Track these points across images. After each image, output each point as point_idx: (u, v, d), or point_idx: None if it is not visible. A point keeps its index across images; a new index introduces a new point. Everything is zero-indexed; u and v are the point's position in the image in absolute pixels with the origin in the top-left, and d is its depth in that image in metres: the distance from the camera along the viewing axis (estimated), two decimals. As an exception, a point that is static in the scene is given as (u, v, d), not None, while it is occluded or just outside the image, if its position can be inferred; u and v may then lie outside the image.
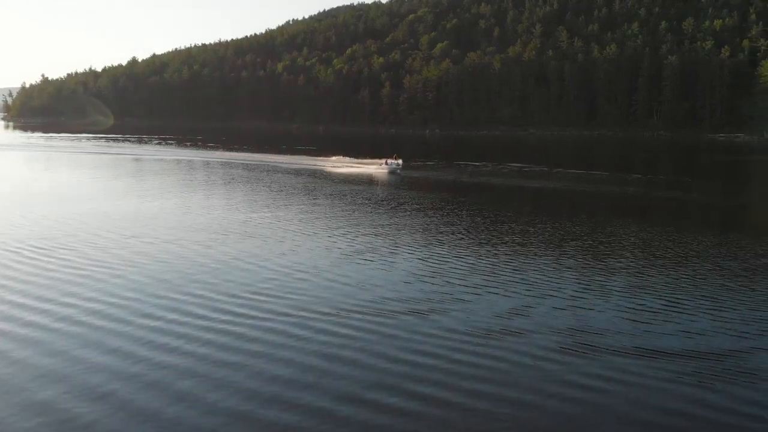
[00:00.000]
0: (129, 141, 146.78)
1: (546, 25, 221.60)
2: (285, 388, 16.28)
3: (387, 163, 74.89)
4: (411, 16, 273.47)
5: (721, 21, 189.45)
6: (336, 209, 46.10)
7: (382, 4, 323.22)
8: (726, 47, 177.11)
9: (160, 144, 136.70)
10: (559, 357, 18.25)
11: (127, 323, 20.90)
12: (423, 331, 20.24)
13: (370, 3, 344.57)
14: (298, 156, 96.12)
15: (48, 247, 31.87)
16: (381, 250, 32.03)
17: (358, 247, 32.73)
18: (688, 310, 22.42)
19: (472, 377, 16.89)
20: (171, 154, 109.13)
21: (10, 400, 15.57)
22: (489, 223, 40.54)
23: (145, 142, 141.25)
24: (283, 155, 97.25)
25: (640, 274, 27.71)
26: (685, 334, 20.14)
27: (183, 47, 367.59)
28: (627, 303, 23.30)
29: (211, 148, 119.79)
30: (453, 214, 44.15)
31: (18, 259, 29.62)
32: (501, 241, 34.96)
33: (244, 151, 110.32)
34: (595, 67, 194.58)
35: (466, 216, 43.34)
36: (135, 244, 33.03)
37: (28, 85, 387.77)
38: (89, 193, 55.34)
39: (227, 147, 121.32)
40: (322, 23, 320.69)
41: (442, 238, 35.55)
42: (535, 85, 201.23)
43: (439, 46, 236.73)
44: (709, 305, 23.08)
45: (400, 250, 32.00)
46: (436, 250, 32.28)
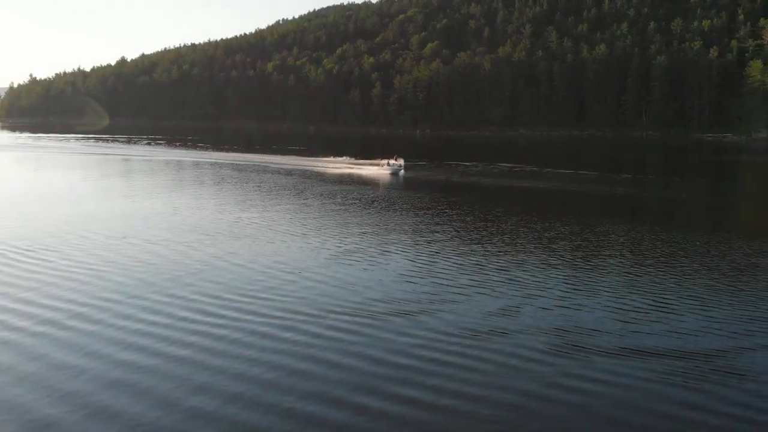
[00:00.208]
0: (118, 141, 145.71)
1: (536, 25, 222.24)
2: (269, 390, 16.05)
3: (389, 164, 73.62)
4: (401, 16, 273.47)
5: (709, 21, 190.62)
6: (328, 210, 45.85)
7: (372, 4, 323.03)
8: (714, 47, 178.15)
9: (149, 144, 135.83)
10: (547, 358, 18.14)
11: (110, 326, 20.60)
12: (410, 332, 20.07)
13: (360, 3, 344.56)
14: (297, 157, 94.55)
15: (32, 249, 31.40)
16: (370, 250, 31.85)
17: (347, 247, 32.54)
18: (676, 310, 22.40)
19: (459, 379, 16.73)
20: (161, 154, 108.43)
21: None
22: (479, 224, 40.45)
23: (134, 143, 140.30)
24: (281, 156, 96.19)
25: (628, 273, 27.70)
26: (673, 334, 20.09)
27: (172, 47, 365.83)
28: (615, 303, 23.26)
29: (201, 149, 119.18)
30: (443, 214, 44.03)
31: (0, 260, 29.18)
32: (490, 241, 34.88)
33: (235, 151, 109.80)
34: (585, 68, 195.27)
35: (456, 216, 43.23)
36: (121, 246, 32.65)
37: (16, 85, 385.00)
38: (76, 194, 54.81)
39: (218, 147, 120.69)
40: (312, 23, 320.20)
41: (431, 238, 35.41)
42: (524, 86, 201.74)
43: (429, 46, 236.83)
44: (697, 305, 23.07)
45: (390, 251, 31.83)
46: (425, 250, 32.13)
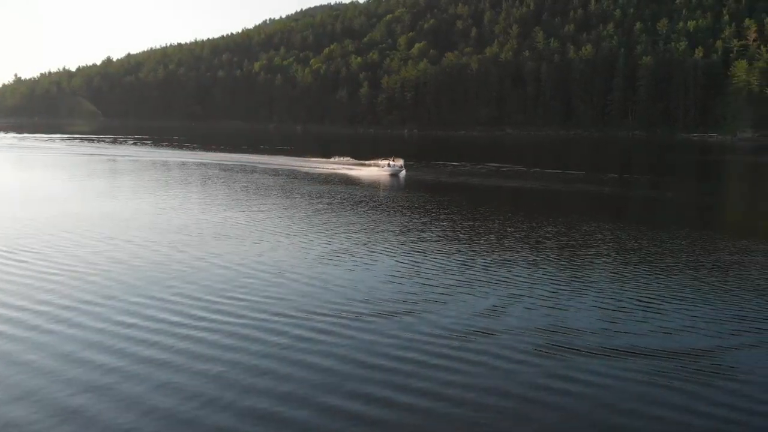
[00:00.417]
0: (104, 141, 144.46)
1: (523, 25, 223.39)
2: (250, 393, 15.76)
3: (389, 165, 72.76)
4: (388, 17, 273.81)
5: (694, 22, 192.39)
6: (315, 210, 45.59)
7: (360, 4, 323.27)
8: (699, 48, 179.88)
9: (135, 144, 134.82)
10: (533, 359, 18.04)
11: (90, 328, 20.21)
12: (394, 333, 19.88)
13: (347, 3, 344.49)
14: (296, 158, 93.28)
15: (10, 250, 30.82)
16: (356, 251, 31.67)
17: (333, 248, 32.33)
18: (662, 310, 22.41)
19: (444, 381, 16.53)
20: (147, 154, 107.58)
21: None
22: (466, 223, 40.41)
23: (120, 143, 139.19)
24: (277, 156, 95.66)
25: (614, 273, 27.72)
26: (659, 334, 20.08)
27: (158, 46, 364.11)
28: (602, 303, 23.23)
29: (188, 149, 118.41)
30: (431, 214, 43.95)
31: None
32: (477, 241, 34.84)
33: (223, 151, 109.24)
34: (571, 68, 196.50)
35: (443, 216, 43.16)
36: (105, 247, 32.21)
37: (1, 85, 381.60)
38: (61, 194, 54.10)
39: (206, 147, 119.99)
40: (299, 23, 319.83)
41: (418, 238, 35.30)
42: (511, 86, 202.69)
43: (416, 46, 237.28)
44: (683, 305, 23.09)
45: (376, 251, 31.66)
46: (412, 250, 32.00)
